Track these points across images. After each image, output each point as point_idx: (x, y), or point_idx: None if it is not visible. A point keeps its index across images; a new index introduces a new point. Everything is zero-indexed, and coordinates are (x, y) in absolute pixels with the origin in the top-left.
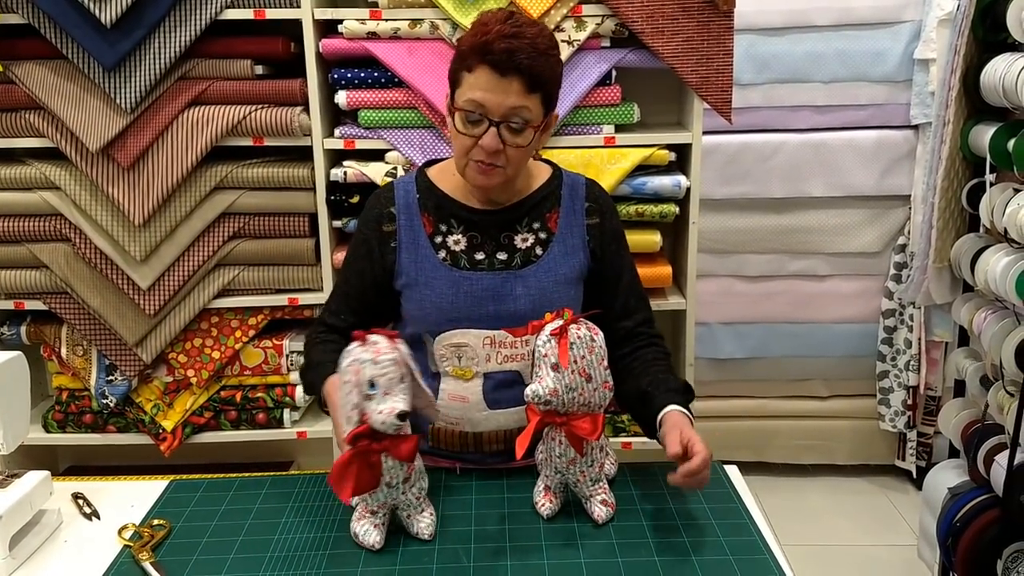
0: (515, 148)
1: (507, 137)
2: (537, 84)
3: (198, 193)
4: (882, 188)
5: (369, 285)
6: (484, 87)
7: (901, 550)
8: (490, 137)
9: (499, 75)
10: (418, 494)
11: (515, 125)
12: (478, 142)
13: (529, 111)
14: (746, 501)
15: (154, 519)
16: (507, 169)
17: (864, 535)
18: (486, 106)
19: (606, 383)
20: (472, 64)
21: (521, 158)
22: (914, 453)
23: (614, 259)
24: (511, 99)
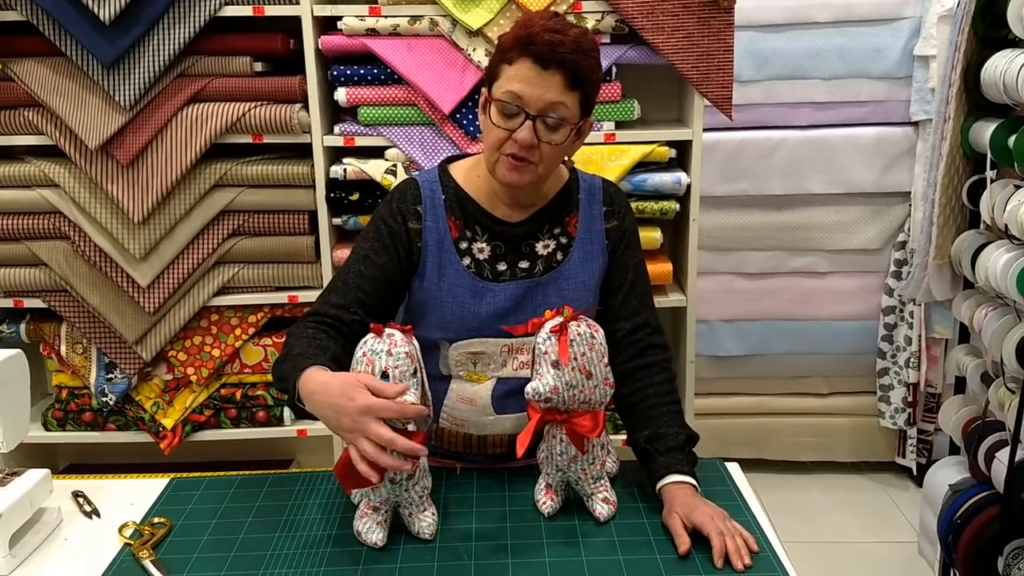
0: (549, 145)
1: (542, 132)
2: (578, 81)
3: (197, 191)
4: (882, 185)
5: (391, 281)
6: (524, 79)
7: (901, 547)
8: (526, 130)
9: (541, 68)
10: (421, 492)
11: (551, 121)
12: (512, 135)
13: (567, 108)
14: (747, 498)
15: (154, 517)
16: (539, 167)
17: (864, 532)
18: (524, 98)
19: (607, 380)
20: (513, 57)
21: (554, 158)
22: (914, 450)
23: (623, 256)
24: (550, 93)
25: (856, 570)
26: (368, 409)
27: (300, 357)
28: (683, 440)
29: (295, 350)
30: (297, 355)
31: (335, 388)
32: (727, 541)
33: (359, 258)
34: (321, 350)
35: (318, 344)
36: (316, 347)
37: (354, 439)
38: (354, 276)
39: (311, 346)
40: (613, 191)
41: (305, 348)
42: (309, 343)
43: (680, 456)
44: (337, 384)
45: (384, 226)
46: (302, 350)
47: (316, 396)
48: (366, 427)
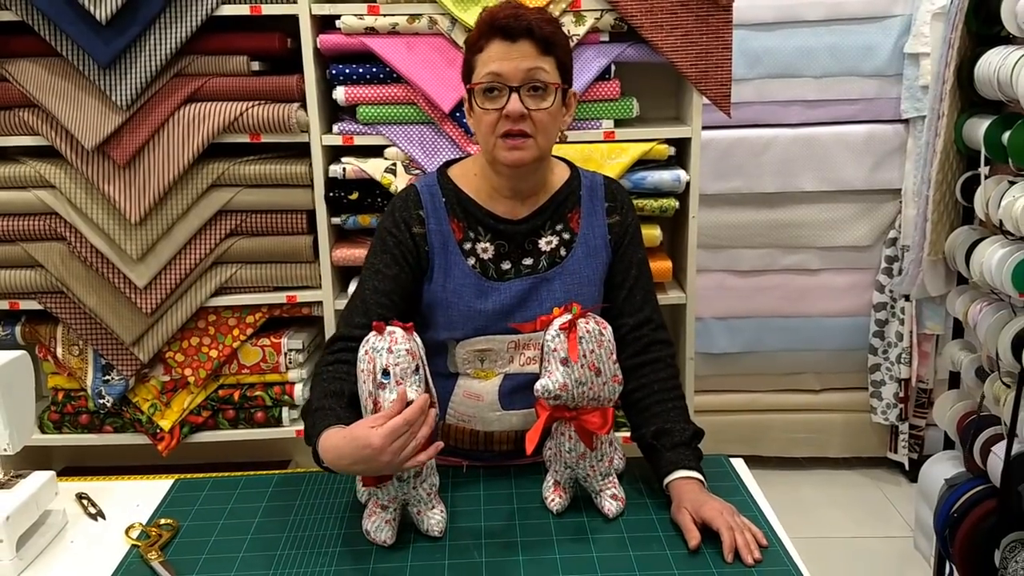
0: (540, 113)
1: (529, 101)
2: (548, 45)
3: (195, 191)
4: (873, 182)
5: (405, 291)
6: (497, 57)
7: (895, 542)
8: (514, 102)
9: (510, 41)
10: (429, 490)
11: (536, 87)
12: (502, 113)
13: (546, 72)
14: (753, 493)
15: (161, 518)
16: (537, 139)
17: (858, 527)
18: (503, 73)
19: (615, 377)
20: (482, 44)
21: (549, 127)
22: (906, 445)
23: (626, 251)
24: (526, 62)
25: (852, 565)
26: (384, 444)
27: (317, 414)
28: (689, 435)
29: (314, 403)
30: (315, 410)
31: (347, 449)
32: (737, 536)
33: (371, 274)
34: (336, 397)
35: (335, 389)
36: (332, 394)
37: (396, 469)
38: (370, 293)
39: (327, 393)
40: (615, 187)
41: (321, 400)
42: (326, 388)
43: (687, 452)
44: (347, 444)
45: (390, 237)
46: (319, 403)
47: (339, 463)
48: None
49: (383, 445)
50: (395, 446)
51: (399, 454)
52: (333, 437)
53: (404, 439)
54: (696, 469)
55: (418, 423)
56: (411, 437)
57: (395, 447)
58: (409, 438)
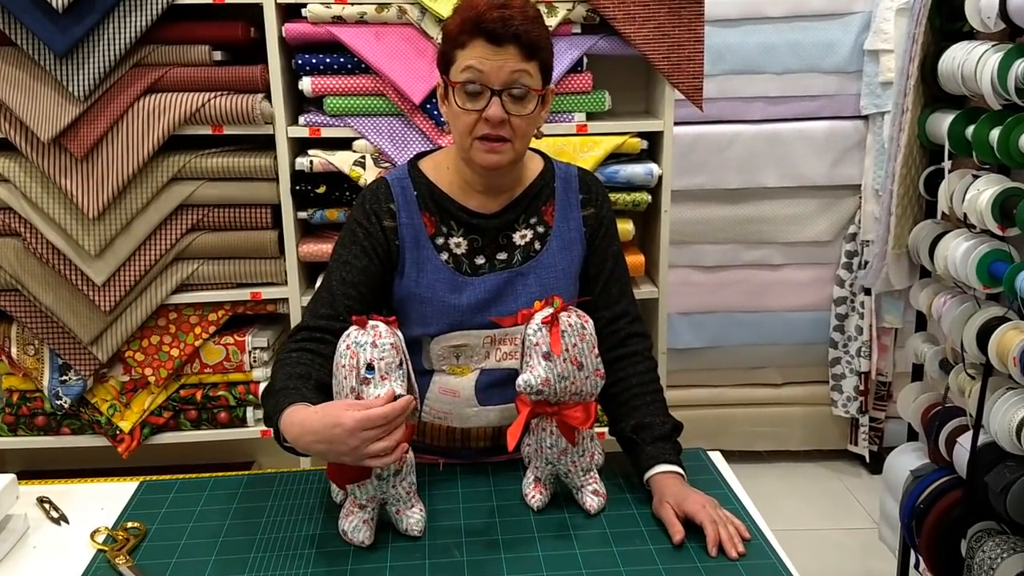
0: (520, 118)
1: (510, 106)
2: (534, 50)
3: (155, 184)
4: (833, 178)
5: (374, 284)
6: (481, 56)
7: (858, 533)
8: (494, 106)
9: (495, 45)
10: (408, 488)
11: (517, 92)
12: (481, 115)
13: (529, 76)
14: (732, 486)
15: (128, 521)
16: (514, 143)
17: (821, 519)
18: (485, 73)
19: (598, 371)
20: (465, 40)
21: (527, 130)
22: (866, 438)
23: (600, 244)
24: (510, 64)
25: (816, 557)
26: (356, 429)
27: (281, 393)
28: (669, 429)
29: (277, 384)
30: (279, 390)
31: (316, 424)
32: (720, 529)
33: (339, 265)
34: (302, 379)
35: (300, 372)
36: (298, 376)
37: (357, 460)
38: (337, 283)
39: (292, 376)
40: (590, 179)
41: (286, 381)
42: (291, 371)
43: (667, 446)
44: (318, 419)
45: (360, 228)
46: (283, 383)
47: (302, 438)
48: (362, 448)
49: (354, 428)
50: (366, 434)
51: (367, 445)
52: (300, 412)
53: (378, 431)
54: (677, 463)
55: (396, 422)
56: (385, 432)
57: (365, 435)
58: (383, 432)
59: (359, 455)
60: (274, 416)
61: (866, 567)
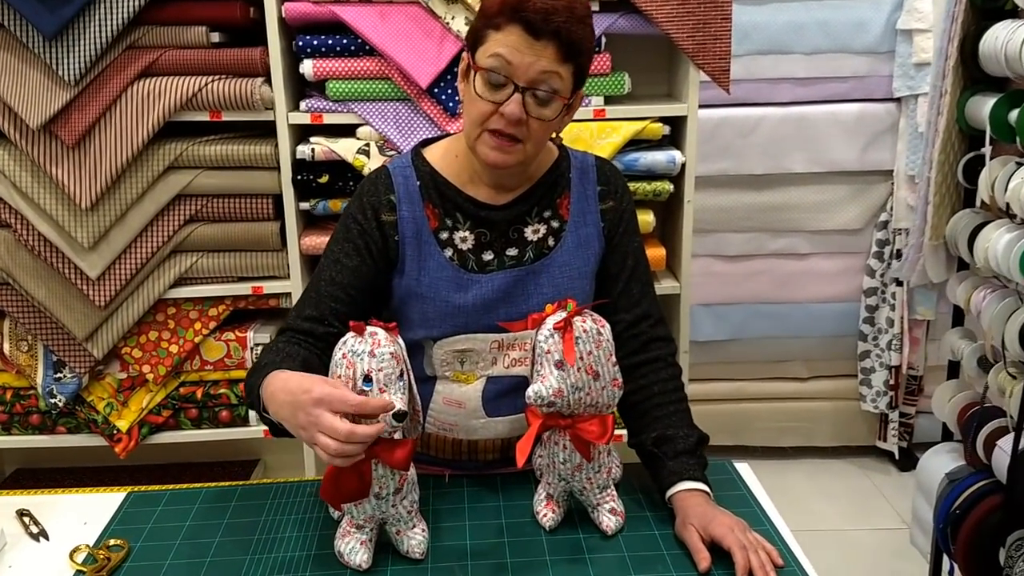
0: (538, 122)
1: (531, 107)
2: (572, 52)
3: (150, 173)
4: (864, 163)
5: (366, 286)
6: (513, 47)
7: (887, 535)
8: (514, 104)
9: (532, 37)
10: (409, 507)
11: (542, 94)
12: (498, 109)
13: (560, 80)
14: (763, 504)
15: (110, 539)
16: (526, 145)
17: (848, 519)
18: (513, 65)
19: (615, 381)
20: (501, 23)
21: (543, 135)
22: (896, 434)
23: (620, 240)
24: (542, 63)
25: (842, 560)
26: (321, 400)
27: (267, 367)
28: (694, 442)
29: (262, 363)
30: (264, 367)
31: (294, 383)
32: (751, 556)
33: (330, 263)
34: (289, 359)
35: (287, 353)
36: (284, 356)
37: (311, 437)
38: (326, 284)
39: (279, 355)
40: (608, 169)
41: (272, 359)
42: (277, 354)
43: (691, 460)
44: (296, 381)
45: (354, 224)
46: (269, 361)
47: (277, 395)
48: (319, 420)
49: (319, 398)
50: (328, 419)
51: (324, 426)
52: (283, 373)
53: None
54: (701, 479)
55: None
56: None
57: (327, 419)
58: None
59: (311, 435)
60: (257, 383)
61: (895, 571)
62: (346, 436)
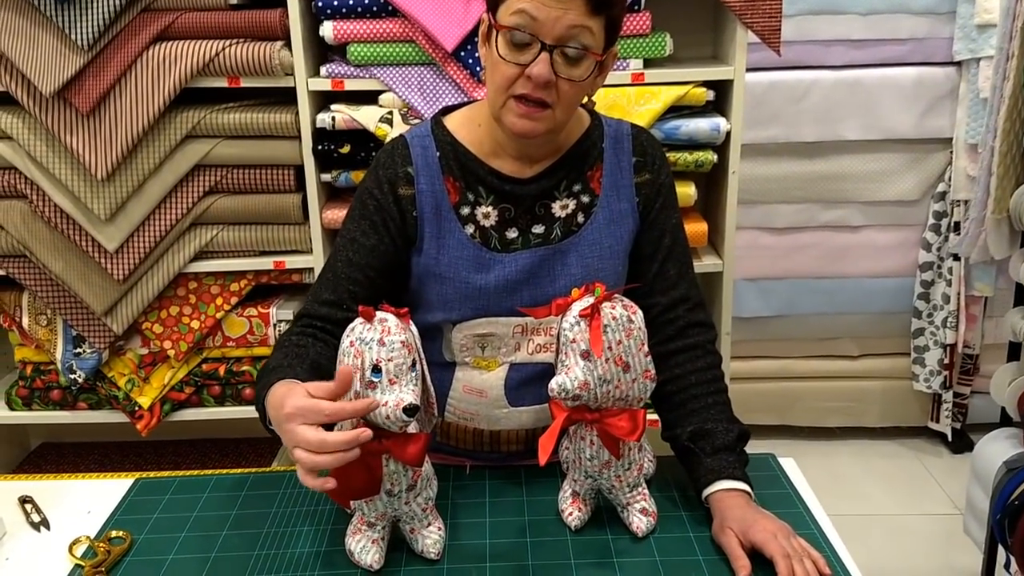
0: (569, 83)
1: (561, 66)
2: (603, 3)
3: (168, 142)
4: (921, 130)
5: (385, 265)
6: (539, 1)
7: (939, 520)
8: (541, 64)
9: None
10: (424, 504)
11: (572, 51)
12: (524, 72)
13: (591, 35)
14: (809, 504)
15: (112, 530)
16: (556, 111)
17: (898, 503)
18: (539, 21)
19: (647, 372)
20: None
21: (574, 98)
22: (949, 415)
23: (657, 217)
24: (570, 16)
25: (891, 546)
26: (293, 414)
27: (272, 373)
28: (734, 438)
29: (270, 364)
30: (271, 371)
31: (277, 399)
32: (795, 565)
33: (346, 243)
34: (297, 360)
35: (296, 353)
36: (293, 356)
37: (291, 453)
38: (343, 265)
39: (287, 356)
40: (645, 139)
41: (280, 361)
42: (287, 353)
43: (730, 457)
44: (280, 395)
45: (370, 199)
46: (277, 363)
47: (271, 415)
48: (293, 434)
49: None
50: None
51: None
52: (279, 388)
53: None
54: (742, 478)
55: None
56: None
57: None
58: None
59: (290, 450)
60: (262, 393)
61: (948, 560)
62: (317, 446)
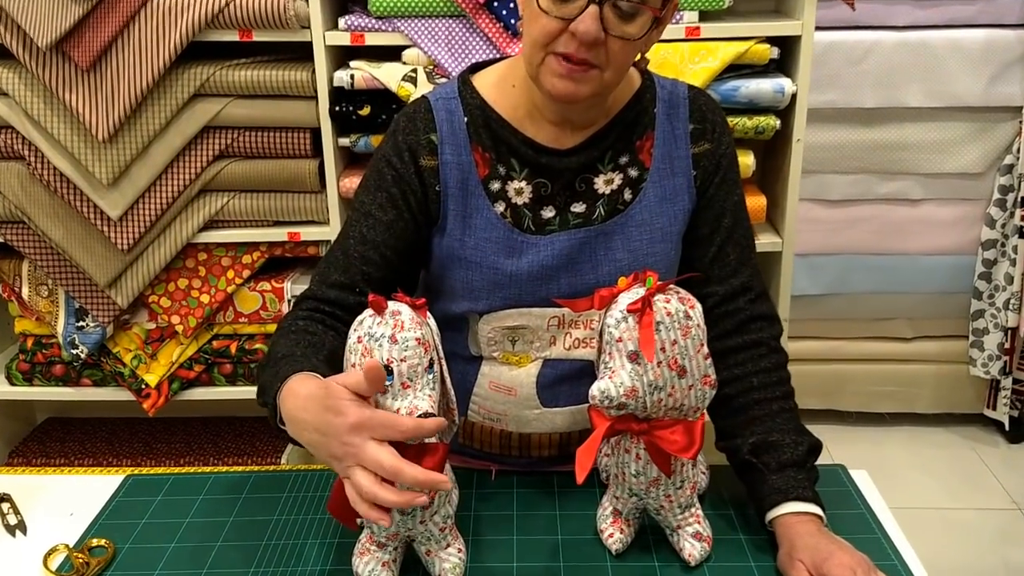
0: (620, 42)
1: (612, 22)
2: None
3: (174, 101)
4: (989, 98)
5: (404, 245)
6: None
7: (995, 516)
8: (589, 20)
9: None
10: (442, 524)
11: (626, 4)
12: (568, 27)
13: None
14: (886, 526)
15: (94, 538)
16: (604, 73)
17: (951, 497)
18: None
19: (706, 377)
20: None
21: (625, 58)
22: (1007, 402)
23: (717, 193)
24: None
25: (943, 542)
26: (361, 425)
27: (284, 361)
28: (804, 452)
29: (278, 351)
30: (280, 359)
31: (319, 402)
32: None
33: (359, 217)
34: (312, 348)
35: (309, 341)
36: (306, 344)
37: (346, 470)
38: (356, 243)
39: (300, 344)
40: (704, 102)
41: (291, 348)
42: (298, 340)
43: (799, 475)
44: (321, 396)
45: (388, 169)
46: (287, 351)
47: (299, 416)
48: (360, 451)
49: (357, 424)
50: (371, 450)
51: (366, 458)
52: (309, 382)
53: (389, 460)
54: (813, 500)
55: (411, 480)
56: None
57: (370, 450)
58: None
59: (346, 465)
60: (272, 389)
61: (1004, 557)
62: (391, 473)
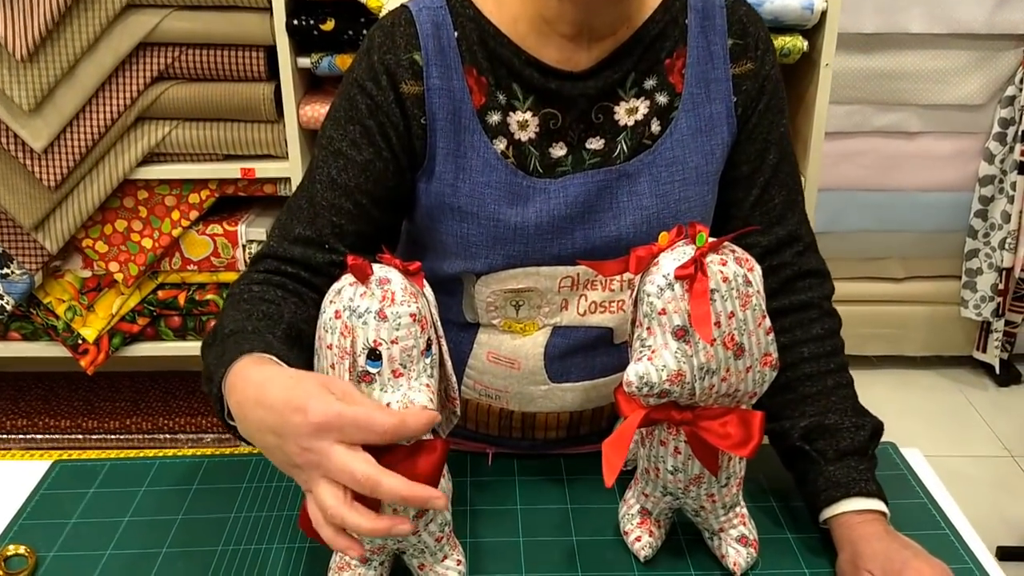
0: None
1: None
2: None
3: (104, 13)
4: (993, 25)
5: (383, 191)
6: None
7: (987, 463)
8: None
9: None
10: (439, 532)
11: None
12: None
13: None
14: (952, 518)
15: (11, 544)
16: None
17: (941, 443)
18: None
19: (767, 356)
20: None
21: None
22: (998, 344)
23: (760, 123)
24: None
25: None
26: (327, 424)
27: (232, 339)
28: (865, 437)
29: (226, 326)
30: (228, 335)
31: (279, 393)
32: None
33: (328, 156)
34: (269, 321)
35: (264, 312)
36: (260, 316)
37: (308, 483)
38: (324, 188)
39: (252, 316)
40: (744, 12)
41: (241, 322)
42: (250, 311)
43: (861, 465)
44: (283, 387)
45: (362, 96)
46: (237, 325)
47: (249, 414)
48: (326, 459)
49: (322, 424)
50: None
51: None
52: (263, 367)
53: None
54: (876, 494)
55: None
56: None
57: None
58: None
59: (310, 479)
60: (217, 373)
61: (997, 507)
62: (366, 486)
